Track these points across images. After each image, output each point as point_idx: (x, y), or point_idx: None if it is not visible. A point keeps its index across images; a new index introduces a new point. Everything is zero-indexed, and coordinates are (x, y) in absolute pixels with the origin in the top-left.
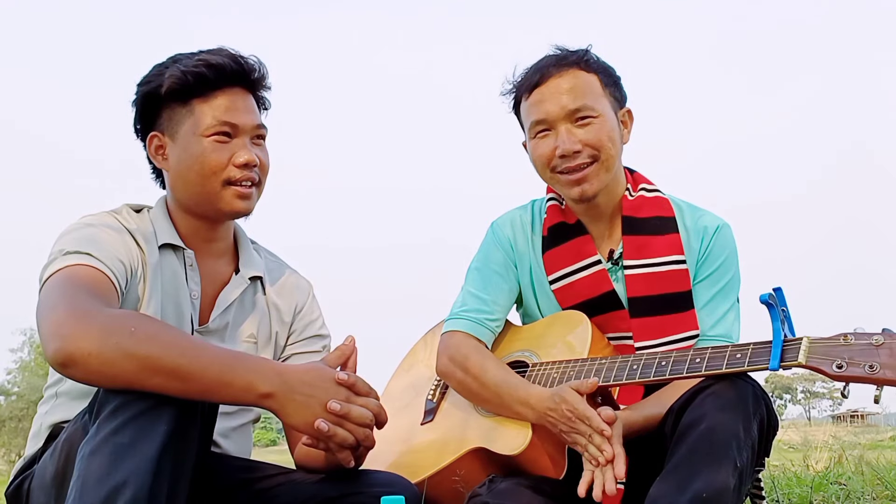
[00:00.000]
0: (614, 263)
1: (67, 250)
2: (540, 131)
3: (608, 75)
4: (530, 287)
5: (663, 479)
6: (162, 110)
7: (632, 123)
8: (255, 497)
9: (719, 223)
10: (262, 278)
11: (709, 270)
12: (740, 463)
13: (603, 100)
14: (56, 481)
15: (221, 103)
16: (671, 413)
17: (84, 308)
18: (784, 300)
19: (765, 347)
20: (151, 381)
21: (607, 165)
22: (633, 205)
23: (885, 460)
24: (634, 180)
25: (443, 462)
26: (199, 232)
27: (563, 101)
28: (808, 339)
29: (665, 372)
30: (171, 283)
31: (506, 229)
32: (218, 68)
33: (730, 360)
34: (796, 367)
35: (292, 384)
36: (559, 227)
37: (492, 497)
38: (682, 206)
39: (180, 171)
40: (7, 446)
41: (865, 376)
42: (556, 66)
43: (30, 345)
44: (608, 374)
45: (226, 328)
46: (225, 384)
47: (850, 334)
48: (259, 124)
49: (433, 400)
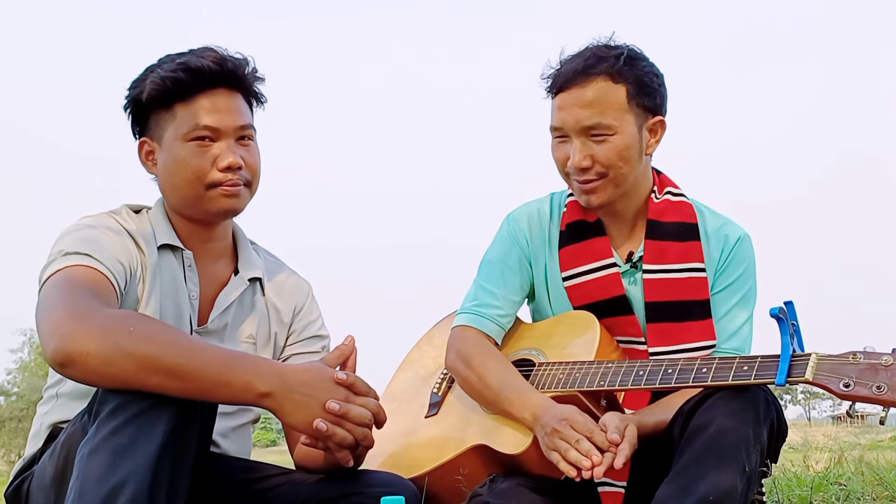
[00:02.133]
0: (633, 266)
1: (67, 251)
2: (557, 136)
3: (639, 84)
4: (544, 283)
5: (670, 482)
6: (149, 116)
7: (663, 132)
8: (254, 497)
9: (741, 234)
10: (261, 279)
11: (727, 282)
12: (748, 468)
13: (625, 114)
14: (55, 482)
15: (202, 106)
16: (680, 415)
17: (83, 308)
18: (794, 314)
19: (772, 361)
20: (150, 381)
21: (616, 182)
22: (659, 208)
23: (884, 461)
24: (661, 183)
25: (444, 458)
26: (195, 233)
27: (580, 115)
28: (816, 356)
29: (671, 380)
30: (170, 284)
31: (522, 223)
32: (196, 72)
33: (736, 371)
34: (803, 384)
35: (291, 384)
36: (578, 224)
37: (492, 497)
38: (705, 213)
39: (167, 175)
40: (7, 446)
41: (872, 397)
42: (584, 72)
43: (30, 345)
44: (614, 378)
45: (225, 329)
46: (223, 383)
47: (860, 353)
48: (243, 125)
49: (438, 393)
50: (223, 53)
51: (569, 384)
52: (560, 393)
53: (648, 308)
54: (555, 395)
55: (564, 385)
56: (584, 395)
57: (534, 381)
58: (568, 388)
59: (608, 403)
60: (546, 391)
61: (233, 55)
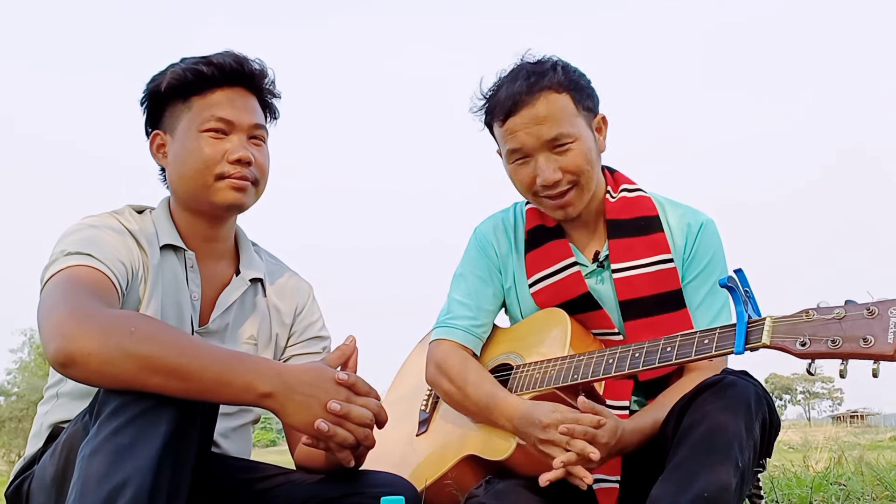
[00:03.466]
0: (600, 265)
1: (69, 251)
2: (517, 159)
3: (578, 89)
4: (513, 289)
5: (665, 480)
6: (165, 109)
7: (606, 128)
8: (254, 497)
9: (703, 220)
10: (262, 280)
11: (697, 270)
12: (742, 463)
13: (578, 120)
14: (56, 482)
15: (219, 100)
16: (673, 414)
17: (84, 308)
18: (746, 281)
19: (730, 331)
20: (151, 381)
21: (588, 187)
22: (616, 207)
23: (884, 461)
24: (615, 181)
25: (439, 472)
26: (199, 231)
27: (539, 131)
28: (770, 319)
29: (639, 364)
30: (171, 284)
31: (489, 234)
32: (217, 66)
33: (698, 346)
34: (762, 349)
35: (292, 384)
36: (538, 230)
37: (489, 498)
38: (664, 204)
39: (177, 165)
40: (7, 447)
41: (828, 352)
42: (528, 92)
43: (30, 345)
44: (586, 370)
45: (226, 329)
46: (224, 384)
47: (812, 310)
48: (257, 123)
49: (426, 410)
50: (245, 56)
51: (545, 382)
52: (538, 392)
53: (623, 307)
54: (534, 395)
55: (541, 384)
56: (562, 391)
57: (513, 384)
58: (545, 386)
59: (587, 396)
60: (525, 392)
61: (255, 60)
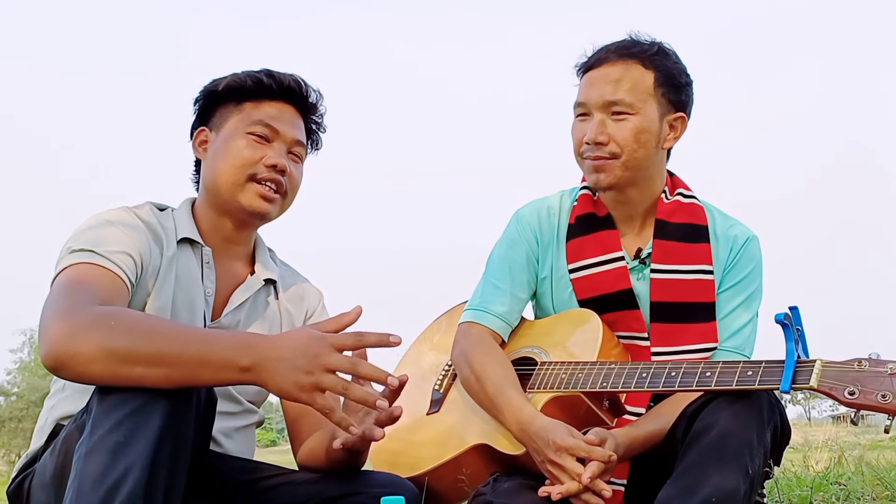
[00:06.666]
0: (641, 262)
1: (73, 248)
2: (580, 114)
3: (667, 76)
4: (548, 277)
5: (673, 483)
6: (217, 108)
7: (683, 130)
8: (255, 497)
9: (749, 235)
10: (276, 283)
11: (733, 281)
12: (752, 470)
13: (648, 99)
14: (55, 480)
15: (270, 110)
16: (684, 417)
17: (70, 310)
18: (800, 319)
19: (777, 367)
20: (135, 372)
21: (627, 164)
22: (668, 209)
23: (885, 460)
24: (673, 184)
25: (445, 457)
26: (221, 231)
27: (604, 90)
28: (821, 363)
29: (674, 384)
30: (185, 278)
31: (532, 219)
32: (277, 80)
33: (740, 377)
34: (808, 391)
35: (273, 352)
36: (588, 217)
37: (495, 496)
38: (716, 215)
39: (215, 159)
40: (7, 446)
41: (878, 405)
42: (616, 52)
43: (30, 345)
44: (616, 380)
45: (237, 326)
46: (203, 363)
47: (865, 360)
48: (299, 140)
49: (440, 390)
50: (306, 81)
51: (571, 385)
52: (563, 393)
53: (653, 307)
54: (557, 396)
55: (567, 385)
56: (587, 396)
57: (535, 380)
58: (571, 388)
59: (610, 404)
60: (548, 391)
61: (314, 88)
